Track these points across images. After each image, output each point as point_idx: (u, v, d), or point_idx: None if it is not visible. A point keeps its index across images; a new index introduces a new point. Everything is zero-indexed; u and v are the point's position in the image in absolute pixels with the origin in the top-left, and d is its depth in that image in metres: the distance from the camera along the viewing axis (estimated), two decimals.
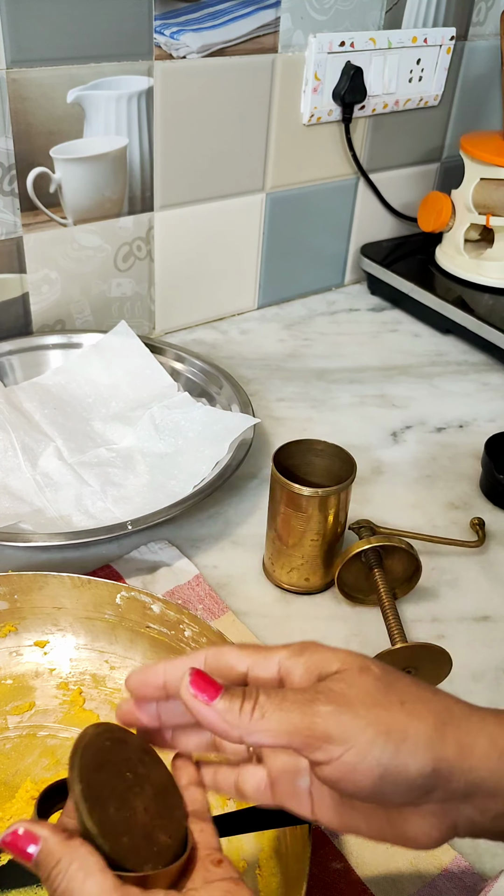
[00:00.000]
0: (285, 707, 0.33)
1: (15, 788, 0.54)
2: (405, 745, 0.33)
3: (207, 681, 0.35)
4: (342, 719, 0.33)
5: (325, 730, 0.32)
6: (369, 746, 0.32)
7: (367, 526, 0.74)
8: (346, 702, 0.33)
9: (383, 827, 0.36)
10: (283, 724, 0.33)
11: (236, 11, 0.91)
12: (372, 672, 0.35)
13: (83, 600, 0.61)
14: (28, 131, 0.84)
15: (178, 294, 1.05)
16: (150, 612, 0.59)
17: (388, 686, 0.34)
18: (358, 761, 0.32)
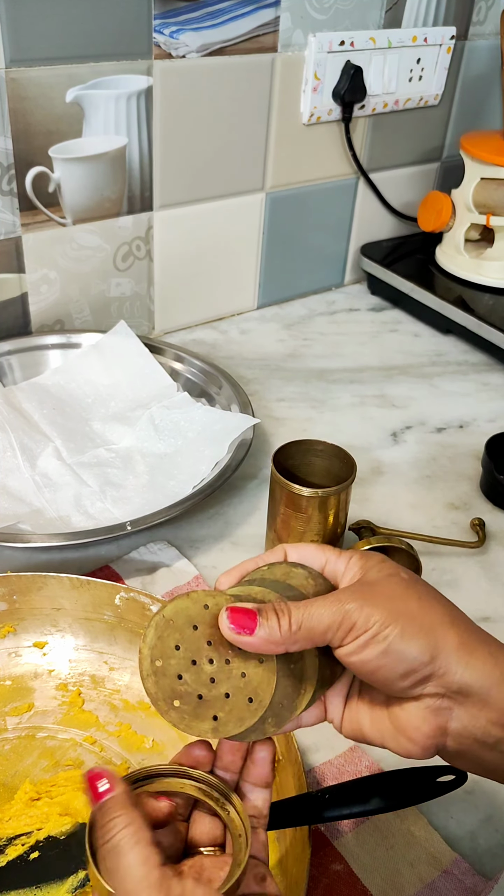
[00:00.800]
0: (315, 613, 0.38)
1: (14, 790, 0.53)
2: (410, 629, 0.38)
3: (243, 614, 0.38)
4: (365, 610, 0.38)
5: (351, 619, 0.38)
6: (380, 627, 0.38)
7: (367, 526, 0.74)
8: (368, 596, 0.39)
9: (384, 725, 0.41)
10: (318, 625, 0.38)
11: (236, 11, 0.91)
12: (400, 577, 0.41)
13: (82, 601, 0.61)
14: (27, 131, 0.84)
15: (178, 294, 1.05)
16: (150, 612, 0.59)
17: (411, 587, 0.40)
18: (369, 638, 0.38)
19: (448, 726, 0.39)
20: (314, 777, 0.56)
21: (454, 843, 0.53)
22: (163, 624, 0.39)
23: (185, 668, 0.39)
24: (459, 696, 0.38)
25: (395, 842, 0.52)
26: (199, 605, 0.40)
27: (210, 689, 0.39)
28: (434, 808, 0.54)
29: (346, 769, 0.56)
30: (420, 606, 0.39)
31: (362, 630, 0.38)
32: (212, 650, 0.39)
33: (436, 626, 0.39)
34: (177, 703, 0.39)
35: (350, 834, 0.52)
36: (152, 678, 0.39)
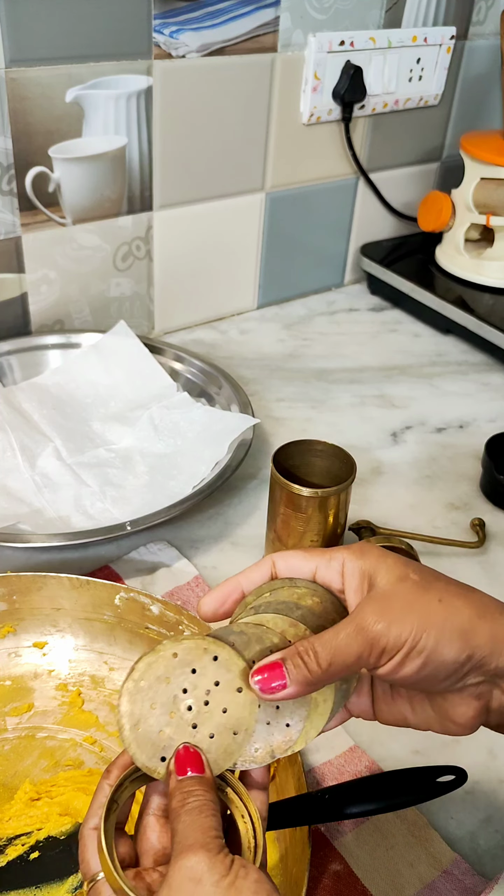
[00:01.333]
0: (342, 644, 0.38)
1: (14, 790, 0.53)
2: (442, 637, 0.38)
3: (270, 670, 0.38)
4: (392, 628, 0.38)
5: (381, 643, 0.38)
6: (413, 643, 0.38)
7: (367, 527, 0.74)
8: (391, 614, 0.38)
9: (428, 714, 0.42)
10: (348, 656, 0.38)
11: (236, 10, 0.91)
12: (410, 579, 0.40)
13: (82, 601, 0.61)
14: (27, 131, 0.84)
15: (178, 294, 1.05)
16: (150, 612, 0.59)
17: (426, 588, 0.39)
18: (404, 657, 0.38)
19: (491, 705, 0.40)
20: (314, 777, 0.56)
21: (454, 844, 0.53)
22: (133, 689, 0.39)
23: (166, 723, 0.39)
24: (498, 678, 0.39)
25: (395, 842, 0.52)
26: (166, 658, 0.40)
27: (194, 736, 0.39)
28: (434, 808, 0.54)
29: (346, 769, 0.56)
30: (444, 609, 0.39)
31: (395, 650, 0.38)
32: (188, 697, 0.39)
33: (465, 627, 0.38)
34: (164, 759, 0.39)
35: (350, 834, 0.52)
36: (134, 744, 0.39)
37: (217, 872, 0.34)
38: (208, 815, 0.36)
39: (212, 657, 0.40)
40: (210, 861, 0.34)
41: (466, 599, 0.40)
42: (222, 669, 0.40)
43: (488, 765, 0.58)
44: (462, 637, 0.38)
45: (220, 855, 0.35)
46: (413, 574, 0.40)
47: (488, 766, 0.58)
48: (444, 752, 0.58)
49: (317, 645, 0.38)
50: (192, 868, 0.34)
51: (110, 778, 0.40)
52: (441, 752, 0.58)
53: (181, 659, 0.40)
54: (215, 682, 0.40)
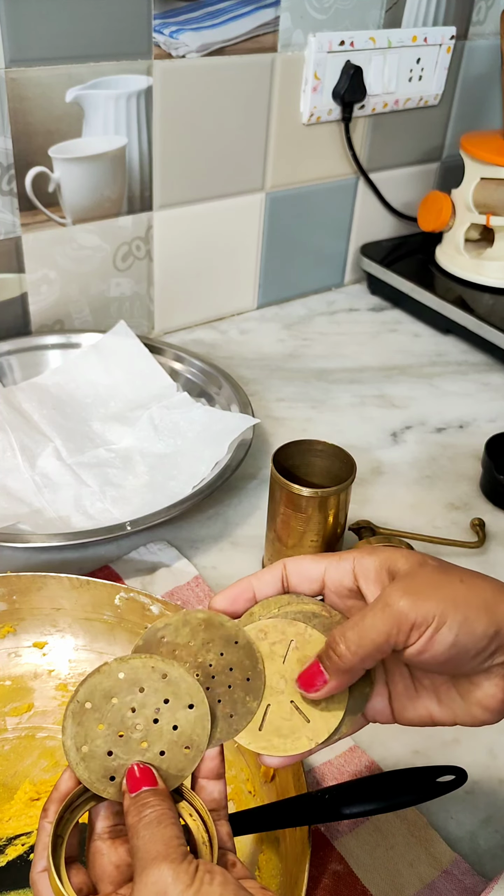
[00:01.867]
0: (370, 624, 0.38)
1: (14, 790, 0.53)
2: (470, 612, 0.38)
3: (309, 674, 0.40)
4: (418, 605, 0.37)
5: (409, 620, 0.37)
6: (441, 619, 0.37)
7: (367, 527, 0.74)
8: (417, 592, 0.38)
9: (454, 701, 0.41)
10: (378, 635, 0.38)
11: (236, 10, 0.91)
12: (430, 564, 0.40)
13: (82, 601, 0.61)
14: (27, 131, 0.84)
15: (178, 294, 1.05)
16: (150, 612, 0.59)
17: (446, 571, 0.40)
18: (434, 633, 0.37)
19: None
20: (314, 777, 0.56)
21: (454, 843, 0.53)
22: (79, 710, 0.39)
23: (114, 742, 0.39)
24: None
25: (395, 842, 0.52)
26: (112, 677, 0.39)
27: (144, 754, 0.39)
28: (434, 808, 0.54)
29: (346, 769, 0.56)
30: (467, 587, 0.39)
31: (424, 625, 0.38)
32: (137, 716, 0.39)
33: (489, 602, 0.39)
34: (113, 779, 0.39)
35: (350, 834, 0.52)
36: (81, 765, 0.39)
37: (182, 882, 0.33)
38: (167, 824, 0.36)
39: (160, 675, 0.40)
40: (174, 872, 0.34)
41: (485, 580, 0.40)
42: (171, 687, 0.40)
43: (488, 765, 0.58)
44: (488, 612, 0.38)
45: (184, 864, 0.34)
46: (431, 560, 0.41)
47: (488, 766, 0.58)
48: (444, 752, 0.58)
49: (347, 631, 0.38)
50: (155, 882, 0.34)
51: (49, 815, 0.39)
52: (441, 752, 0.58)
53: (127, 678, 0.39)
54: (164, 700, 0.39)
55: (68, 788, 0.40)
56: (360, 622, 0.38)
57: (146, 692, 0.39)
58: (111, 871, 0.39)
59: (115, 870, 0.39)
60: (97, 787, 0.39)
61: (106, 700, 0.39)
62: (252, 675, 0.41)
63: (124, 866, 0.39)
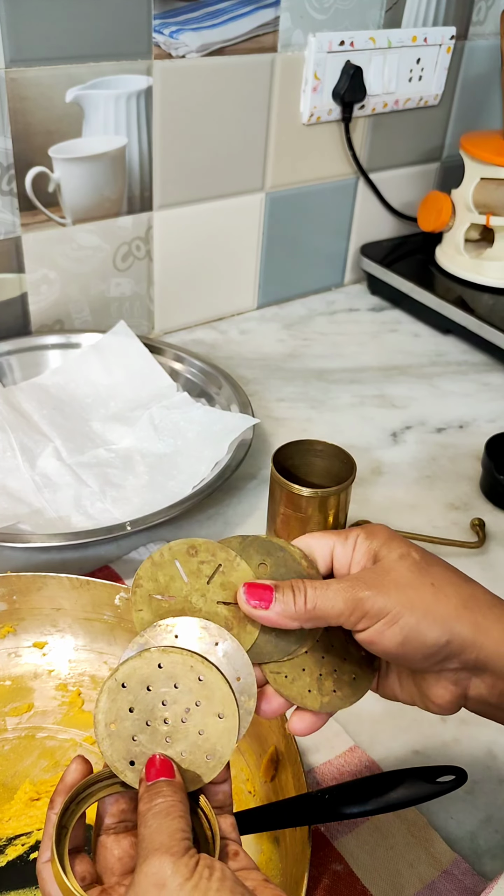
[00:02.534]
0: (330, 596, 0.40)
1: (14, 790, 0.53)
2: (425, 620, 0.39)
3: (260, 588, 0.41)
4: (378, 599, 0.40)
5: (364, 608, 0.40)
6: (395, 618, 0.39)
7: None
8: (382, 586, 0.40)
9: (412, 690, 0.44)
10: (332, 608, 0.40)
11: (236, 10, 0.91)
12: (411, 557, 0.42)
13: (82, 601, 0.61)
14: (27, 131, 0.84)
15: (178, 294, 1.05)
16: None
17: (424, 570, 0.41)
18: (385, 629, 0.40)
19: (468, 693, 0.42)
20: (314, 777, 0.56)
21: (454, 843, 0.53)
22: (115, 688, 0.39)
23: (140, 729, 0.39)
24: (477, 669, 0.41)
25: (395, 842, 0.52)
26: (152, 665, 0.40)
27: (166, 749, 0.39)
28: (434, 808, 0.54)
29: (346, 769, 0.56)
30: (434, 594, 0.40)
31: (376, 618, 0.39)
32: (167, 710, 0.40)
33: (450, 614, 0.40)
34: (133, 763, 0.39)
35: (350, 834, 0.52)
36: (107, 741, 0.39)
37: (181, 875, 0.34)
38: (175, 816, 0.36)
39: (197, 677, 0.40)
40: (174, 864, 0.34)
41: (457, 588, 0.41)
42: (206, 691, 0.40)
43: (488, 765, 0.58)
44: (443, 623, 0.40)
45: (185, 857, 0.34)
46: (414, 553, 0.42)
47: (488, 766, 0.58)
48: (444, 752, 0.58)
49: (308, 587, 0.40)
50: (155, 873, 0.34)
51: (55, 807, 0.40)
52: (441, 752, 0.58)
53: (166, 671, 0.40)
54: (196, 703, 0.40)
55: (74, 780, 0.40)
56: (324, 590, 0.40)
57: (180, 689, 0.40)
58: (114, 863, 0.39)
59: (117, 862, 0.39)
60: (116, 766, 0.39)
61: (141, 686, 0.40)
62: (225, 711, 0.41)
63: (126, 858, 0.40)
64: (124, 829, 0.41)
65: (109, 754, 0.39)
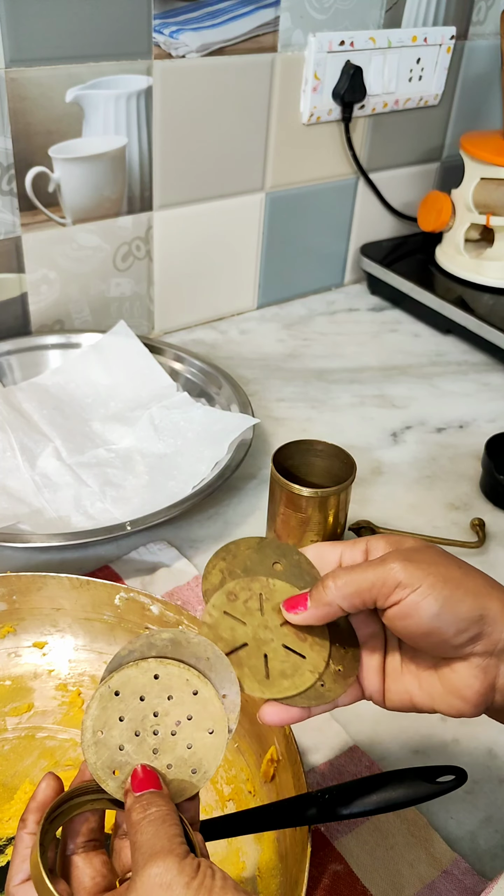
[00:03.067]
0: (360, 571, 0.40)
1: (14, 790, 0.53)
2: (458, 591, 0.39)
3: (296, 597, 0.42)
4: (409, 569, 0.39)
5: (396, 577, 0.39)
6: (430, 588, 0.39)
7: (367, 527, 0.74)
8: (412, 559, 0.40)
9: (434, 688, 0.42)
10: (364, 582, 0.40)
11: (236, 10, 0.91)
12: (435, 549, 0.42)
13: (82, 601, 0.61)
14: (27, 130, 0.84)
15: (178, 294, 1.05)
16: (149, 612, 0.59)
17: (449, 557, 0.41)
18: (420, 599, 0.39)
19: (497, 682, 0.41)
20: (314, 777, 0.56)
21: (454, 843, 0.53)
22: (108, 695, 0.39)
23: (128, 739, 0.39)
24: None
25: (395, 842, 0.52)
26: (148, 675, 0.40)
27: (152, 761, 0.39)
28: (434, 808, 0.54)
29: (346, 769, 0.56)
30: (463, 573, 0.40)
31: (409, 587, 0.39)
32: (157, 721, 0.39)
33: (480, 590, 0.40)
34: (116, 774, 0.39)
35: (350, 834, 0.52)
36: (92, 748, 0.39)
37: (186, 875, 0.34)
38: (171, 823, 0.36)
39: (192, 691, 0.40)
40: (178, 865, 0.34)
41: (483, 575, 0.41)
42: (199, 706, 0.40)
43: (488, 765, 0.58)
44: (476, 596, 0.39)
45: (188, 859, 0.35)
46: (437, 547, 0.42)
47: (488, 766, 0.58)
48: (444, 752, 0.58)
49: (340, 571, 0.41)
50: (160, 874, 0.34)
51: (28, 825, 0.39)
52: (441, 752, 0.58)
53: (161, 682, 0.39)
54: (188, 716, 0.40)
55: (47, 797, 0.40)
56: (354, 568, 0.40)
57: (173, 702, 0.39)
58: (87, 883, 0.39)
59: (90, 881, 0.39)
60: (99, 775, 0.39)
61: (135, 696, 0.39)
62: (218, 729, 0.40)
63: (99, 877, 0.39)
64: (93, 848, 0.40)
65: (94, 762, 0.39)
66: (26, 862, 0.38)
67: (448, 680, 0.41)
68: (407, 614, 0.39)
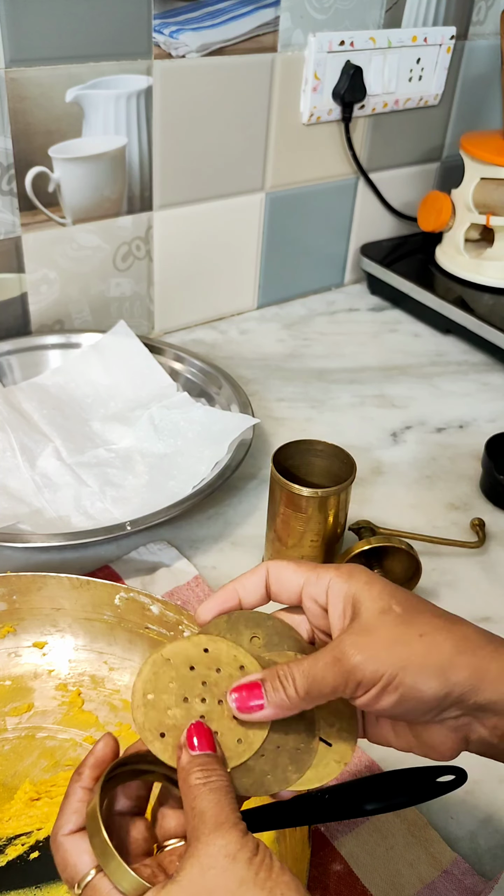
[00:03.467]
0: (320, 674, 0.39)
1: (14, 790, 0.53)
2: (421, 676, 0.38)
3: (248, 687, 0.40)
4: (367, 666, 0.38)
5: (357, 678, 0.38)
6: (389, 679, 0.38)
7: (367, 526, 0.74)
8: (370, 649, 0.38)
9: (409, 739, 0.42)
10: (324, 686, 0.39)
11: (236, 10, 0.91)
12: (393, 612, 0.40)
13: (82, 601, 0.61)
14: (27, 130, 0.84)
15: (178, 294, 1.05)
16: (149, 612, 0.59)
17: (409, 622, 0.39)
18: (381, 692, 0.38)
19: (470, 736, 0.41)
20: None
21: (454, 843, 0.53)
22: (160, 661, 0.41)
23: (176, 703, 0.40)
24: (478, 712, 0.39)
25: (395, 842, 0.52)
26: (199, 648, 0.41)
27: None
28: (434, 808, 0.54)
29: (347, 769, 0.56)
30: (424, 646, 0.39)
31: (371, 684, 0.38)
32: (206, 690, 0.41)
33: (444, 664, 0.38)
34: (163, 735, 0.39)
35: (350, 834, 0.52)
36: (142, 709, 0.40)
37: (249, 850, 0.35)
38: (233, 797, 0.37)
39: (239, 665, 0.41)
40: (242, 840, 0.35)
41: (448, 633, 0.39)
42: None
43: (488, 765, 0.57)
44: (441, 674, 0.38)
45: (248, 836, 0.36)
46: (396, 606, 0.40)
47: (488, 766, 0.57)
48: None
49: (295, 672, 0.39)
50: (225, 845, 0.35)
51: (83, 779, 0.40)
52: None
53: (211, 655, 0.41)
54: None
55: (105, 756, 0.41)
56: (312, 669, 0.39)
57: (221, 674, 0.41)
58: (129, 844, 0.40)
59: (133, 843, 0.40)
60: (147, 735, 0.40)
61: (186, 664, 0.41)
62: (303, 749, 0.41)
63: (140, 841, 0.40)
64: (137, 813, 0.42)
65: (142, 722, 0.40)
66: (76, 814, 0.39)
67: (421, 737, 0.42)
68: (369, 705, 0.39)
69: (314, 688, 0.39)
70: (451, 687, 0.38)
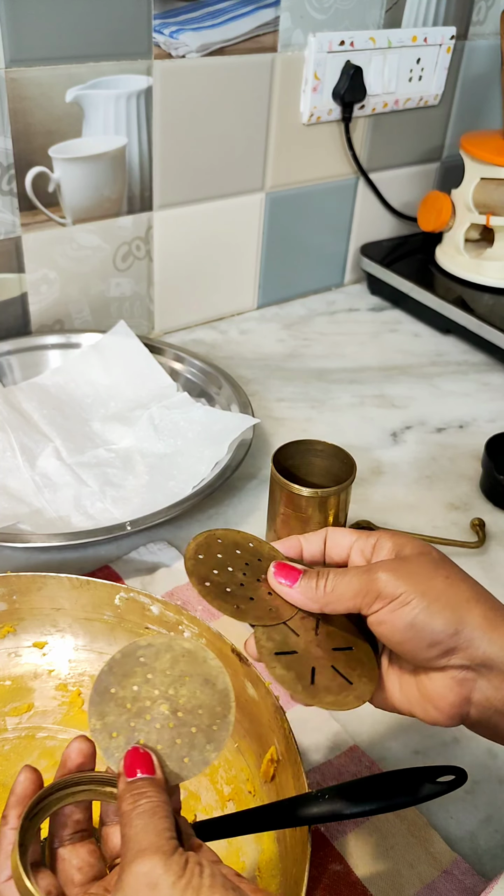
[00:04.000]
0: (348, 579, 0.42)
1: None
2: (436, 605, 0.41)
3: (289, 568, 0.45)
4: (392, 581, 0.41)
5: (377, 588, 0.41)
6: (406, 598, 0.41)
7: (367, 527, 0.74)
8: (398, 570, 0.42)
9: (412, 693, 0.43)
10: (349, 590, 0.42)
11: (236, 10, 0.91)
12: (430, 556, 0.44)
13: (82, 601, 0.61)
14: (27, 130, 0.84)
15: (178, 294, 1.05)
16: (149, 612, 0.59)
17: (440, 566, 0.43)
18: (396, 608, 0.41)
19: (472, 696, 0.42)
20: (314, 777, 0.56)
21: (454, 843, 0.53)
22: (213, 537, 0.46)
23: (221, 568, 0.45)
24: (483, 668, 0.41)
25: (395, 842, 0.52)
26: (246, 540, 0.47)
27: (237, 589, 0.44)
28: (434, 808, 0.54)
29: (346, 769, 0.56)
30: (446, 584, 0.41)
31: (388, 598, 0.41)
32: (248, 569, 0.45)
33: (461, 603, 0.41)
34: (207, 584, 0.44)
35: (350, 834, 0.52)
36: (192, 561, 0.45)
37: (173, 873, 0.33)
38: (161, 816, 0.36)
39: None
40: (165, 864, 0.34)
41: (470, 585, 0.42)
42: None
43: (488, 765, 0.58)
44: (454, 610, 0.41)
45: (175, 856, 0.34)
46: (434, 553, 0.44)
47: (488, 766, 0.58)
48: (444, 752, 0.58)
49: (330, 573, 0.43)
50: (146, 873, 0.34)
51: (10, 822, 0.39)
52: (441, 752, 0.58)
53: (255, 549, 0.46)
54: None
55: (25, 791, 0.40)
56: (343, 575, 0.43)
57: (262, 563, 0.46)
58: (73, 874, 0.40)
59: (77, 872, 0.40)
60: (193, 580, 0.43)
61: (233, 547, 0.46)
62: (219, 726, 0.41)
63: (86, 867, 0.40)
64: (81, 839, 0.41)
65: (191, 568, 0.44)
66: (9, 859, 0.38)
67: (425, 687, 0.43)
68: (382, 621, 0.41)
69: (339, 588, 0.42)
70: (461, 625, 0.40)
